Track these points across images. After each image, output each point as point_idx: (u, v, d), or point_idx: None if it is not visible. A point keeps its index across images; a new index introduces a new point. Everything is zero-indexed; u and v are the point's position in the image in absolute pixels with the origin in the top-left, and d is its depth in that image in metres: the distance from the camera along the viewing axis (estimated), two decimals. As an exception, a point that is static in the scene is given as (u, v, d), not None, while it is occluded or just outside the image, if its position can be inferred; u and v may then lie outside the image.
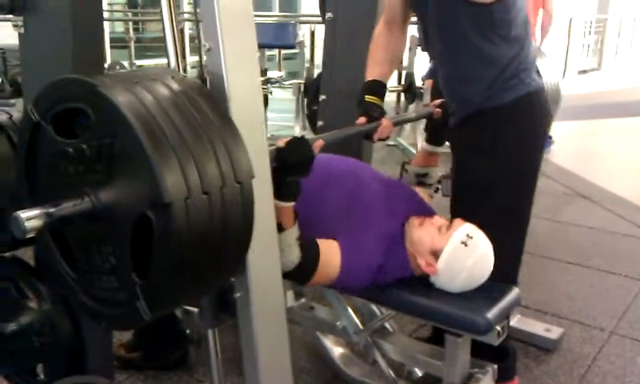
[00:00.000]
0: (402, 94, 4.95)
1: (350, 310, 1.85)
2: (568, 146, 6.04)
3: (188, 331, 2.15)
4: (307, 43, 5.26)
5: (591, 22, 12.57)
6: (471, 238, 1.57)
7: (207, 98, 1.10)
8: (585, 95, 9.23)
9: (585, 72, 12.22)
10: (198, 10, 1.27)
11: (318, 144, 1.52)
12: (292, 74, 5.07)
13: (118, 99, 0.97)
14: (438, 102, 1.97)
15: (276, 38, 4.78)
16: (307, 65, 5.02)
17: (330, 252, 1.57)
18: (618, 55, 13.46)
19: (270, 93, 4.69)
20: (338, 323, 1.88)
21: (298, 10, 7.91)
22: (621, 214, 3.88)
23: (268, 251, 1.22)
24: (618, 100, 8.81)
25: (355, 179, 1.76)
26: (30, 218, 0.97)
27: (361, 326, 1.85)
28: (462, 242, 1.56)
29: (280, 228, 1.41)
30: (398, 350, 1.84)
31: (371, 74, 1.89)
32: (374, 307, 1.94)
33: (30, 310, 1.51)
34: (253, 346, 1.24)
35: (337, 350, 2.15)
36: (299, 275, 1.54)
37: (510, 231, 1.72)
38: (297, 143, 1.41)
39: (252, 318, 1.22)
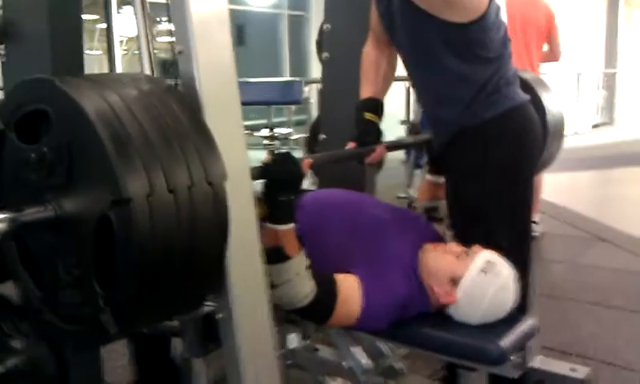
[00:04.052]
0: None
1: (357, 349, 1.72)
2: (585, 194, 5.98)
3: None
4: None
5: (599, 78, 12.61)
6: (493, 264, 1.46)
7: (178, 99, 1.04)
8: (599, 146, 9.20)
9: (597, 126, 12.18)
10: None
11: (307, 162, 1.45)
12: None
13: (75, 94, 0.92)
14: None
15: (283, 95, 4.87)
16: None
17: (350, 286, 1.45)
18: (629, 110, 13.39)
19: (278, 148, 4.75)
20: (344, 363, 1.75)
21: (307, 73, 8.22)
22: (642, 255, 3.74)
23: (250, 264, 1.12)
24: (630, 151, 8.73)
25: (353, 207, 1.67)
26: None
27: (368, 366, 1.72)
28: (484, 269, 1.45)
29: (284, 256, 1.33)
30: (408, 391, 1.70)
31: (366, 92, 1.84)
32: (382, 346, 1.81)
33: (15, 350, 1.42)
34: (238, 373, 1.13)
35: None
36: (316, 311, 1.42)
37: (512, 253, 1.58)
38: (282, 159, 1.34)
39: (236, 340, 1.11)
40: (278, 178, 1.32)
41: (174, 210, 0.92)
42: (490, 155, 1.70)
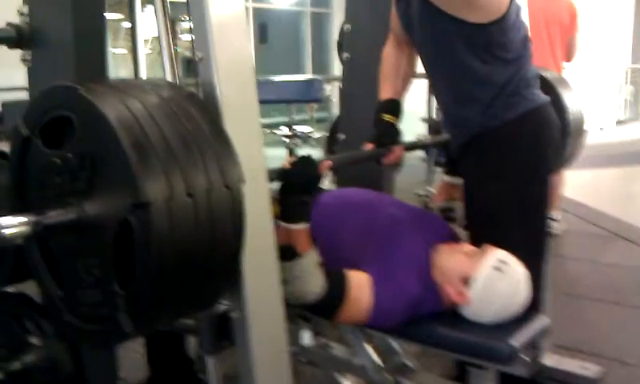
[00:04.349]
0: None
1: (369, 347, 1.76)
2: (608, 191, 5.90)
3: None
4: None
5: (627, 72, 12.38)
6: (505, 263, 1.47)
7: (198, 105, 1.08)
8: (624, 143, 9.06)
9: (622, 122, 11.97)
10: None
11: (326, 164, 1.48)
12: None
13: (98, 101, 0.96)
14: None
15: (303, 94, 4.85)
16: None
17: (360, 283, 1.48)
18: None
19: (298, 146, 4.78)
20: (356, 361, 1.78)
21: (330, 70, 8.24)
22: (662, 254, 3.70)
23: (265, 266, 1.16)
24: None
25: (370, 206, 1.70)
26: (11, 225, 0.95)
27: (380, 364, 1.75)
28: (496, 268, 1.46)
29: (294, 254, 1.36)
30: (420, 388, 1.73)
31: (385, 92, 1.86)
32: (394, 343, 1.84)
33: (34, 347, 1.47)
34: (250, 371, 1.17)
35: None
36: (325, 307, 1.46)
37: (527, 255, 1.59)
38: (301, 162, 1.37)
39: (249, 339, 1.15)
40: (297, 182, 1.35)
41: (193, 213, 0.96)
42: (508, 156, 1.71)
